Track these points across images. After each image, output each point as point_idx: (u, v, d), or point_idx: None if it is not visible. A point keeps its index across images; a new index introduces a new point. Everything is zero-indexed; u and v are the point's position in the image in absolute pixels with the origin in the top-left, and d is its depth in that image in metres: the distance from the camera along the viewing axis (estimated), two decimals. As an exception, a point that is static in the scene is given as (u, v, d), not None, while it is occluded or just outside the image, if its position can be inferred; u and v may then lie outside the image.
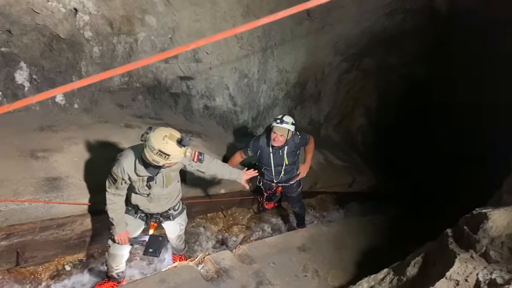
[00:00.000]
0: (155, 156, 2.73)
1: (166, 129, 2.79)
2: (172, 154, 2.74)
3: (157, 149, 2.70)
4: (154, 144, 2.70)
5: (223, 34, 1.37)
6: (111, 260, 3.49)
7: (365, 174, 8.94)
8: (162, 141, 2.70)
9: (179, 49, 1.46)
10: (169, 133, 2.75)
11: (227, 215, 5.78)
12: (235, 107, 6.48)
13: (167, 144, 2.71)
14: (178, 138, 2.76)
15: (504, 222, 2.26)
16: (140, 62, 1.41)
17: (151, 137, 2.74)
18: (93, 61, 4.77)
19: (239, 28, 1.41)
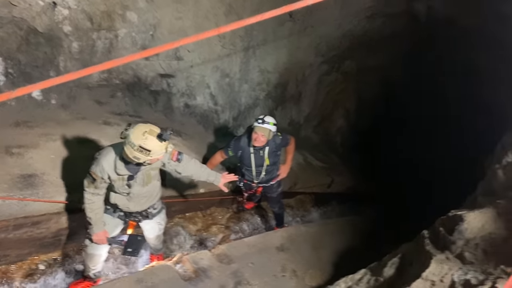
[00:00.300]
0: (136, 152, 2.69)
1: (146, 125, 2.76)
2: (153, 150, 2.71)
3: (137, 145, 2.67)
4: (134, 141, 2.67)
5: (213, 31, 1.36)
6: (88, 260, 3.42)
7: (344, 175, 9.04)
8: (142, 136, 2.67)
9: (167, 46, 1.44)
10: (148, 128, 2.72)
11: (206, 214, 5.74)
12: (216, 106, 6.45)
13: (147, 140, 2.68)
14: (158, 133, 2.73)
15: (479, 224, 2.32)
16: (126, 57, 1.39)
17: (130, 133, 2.70)
18: (72, 57, 4.67)
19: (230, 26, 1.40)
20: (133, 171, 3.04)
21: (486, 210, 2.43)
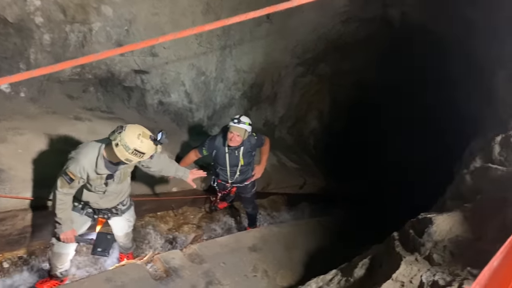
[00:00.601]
0: (130, 155, 2.71)
1: (137, 127, 2.78)
2: (147, 152, 2.75)
3: (132, 148, 2.68)
4: (129, 144, 2.67)
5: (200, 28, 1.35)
6: (55, 259, 3.33)
7: (316, 176, 9.12)
8: (137, 140, 2.69)
9: (149, 42, 1.42)
10: (141, 131, 2.75)
11: (178, 214, 5.69)
12: (191, 105, 6.40)
13: (143, 143, 2.71)
14: (151, 135, 2.77)
15: (447, 227, 2.39)
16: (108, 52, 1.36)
17: (124, 136, 2.70)
18: (43, 49, 4.53)
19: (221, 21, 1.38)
20: (112, 170, 3.00)
21: (454, 213, 2.51)
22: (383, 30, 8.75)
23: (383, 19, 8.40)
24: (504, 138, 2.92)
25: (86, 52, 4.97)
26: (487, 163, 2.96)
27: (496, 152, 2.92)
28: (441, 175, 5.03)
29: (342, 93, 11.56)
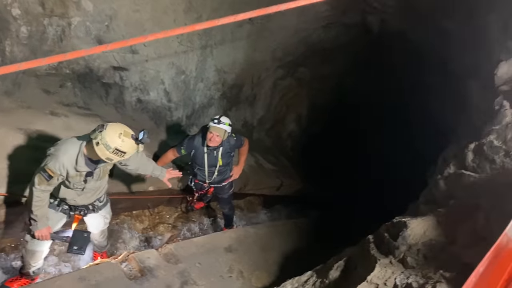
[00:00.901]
0: (110, 154, 2.67)
1: (119, 125, 2.75)
2: (128, 152, 2.72)
3: (113, 147, 2.65)
4: (110, 143, 2.64)
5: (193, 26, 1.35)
6: (29, 256, 3.25)
7: (292, 178, 9.19)
8: (118, 139, 2.66)
9: (138, 39, 1.41)
10: (123, 130, 2.72)
11: (154, 213, 5.64)
12: (170, 103, 6.34)
13: (124, 142, 2.68)
14: (132, 134, 2.74)
15: (421, 231, 2.45)
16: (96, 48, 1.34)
17: (105, 135, 2.66)
18: (19, 41, 4.42)
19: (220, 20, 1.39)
20: (92, 167, 2.96)
21: (427, 217, 2.57)
22: (362, 37, 8.89)
23: (363, 26, 8.54)
24: (477, 145, 3.02)
25: (64, 47, 4.88)
26: (460, 169, 3.05)
27: (470, 159, 3.02)
28: (415, 179, 5.15)
29: (321, 96, 11.69)
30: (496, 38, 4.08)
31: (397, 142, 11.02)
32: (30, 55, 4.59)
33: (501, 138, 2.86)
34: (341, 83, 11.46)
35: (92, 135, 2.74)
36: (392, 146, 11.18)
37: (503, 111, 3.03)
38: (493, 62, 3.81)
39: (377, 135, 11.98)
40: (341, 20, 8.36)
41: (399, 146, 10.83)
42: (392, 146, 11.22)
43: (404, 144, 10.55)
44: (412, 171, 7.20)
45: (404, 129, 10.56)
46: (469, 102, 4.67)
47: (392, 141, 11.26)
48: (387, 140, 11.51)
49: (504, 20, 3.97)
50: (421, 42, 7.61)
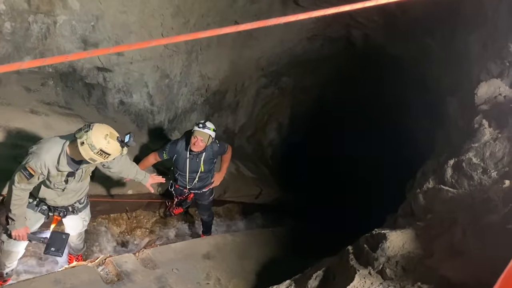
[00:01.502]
0: (94, 155, 2.64)
1: (104, 127, 2.73)
2: (112, 154, 2.69)
3: (98, 148, 2.62)
4: (95, 143, 2.61)
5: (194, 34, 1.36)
6: (4, 257, 3.17)
7: (271, 187, 9.22)
8: (104, 140, 2.63)
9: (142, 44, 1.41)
10: (109, 131, 2.71)
11: (132, 217, 5.57)
12: (153, 107, 6.30)
13: (109, 144, 2.67)
14: (118, 137, 2.73)
15: (400, 243, 2.50)
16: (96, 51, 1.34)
17: (90, 135, 2.63)
18: (3, 37, 4.33)
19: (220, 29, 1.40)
20: (74, 167, 2.91)
21: (406, 230, 2.63)
22: (346, 50, 9.07)
23: (347, 39, 8.71)
24: (456, 162, 3.11)
25: (48, 45, 4.80)
26: (439, 184, 3.13)
27: (448, 175, 3.10)
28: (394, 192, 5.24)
29: (303, 106, 11.82)
30: (476, 58, 4.22)
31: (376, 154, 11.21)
32: (13, 51, 4.51)
33: (479, 155, 2.95)
34: (323, 94, 11.63)
35: (77, 134, 2.71)
36: (372, 159, 11.37)
37: (482, 129, 3.13)
38: (473, 81, 3.94)
39: (356, 147, 12.16)
40: (326, 32, 8.51)
41: (379, 159, 11.02)
42: (372, 159, 11.41)
43: (384, 157, 10.74)
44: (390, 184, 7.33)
45: (384, 142, 10.75)
46: (447, 119, 4.80)
47: (372, 153, 11.45)
48: (366, 152, 11.69)
49: (484, 41, 4.11)
50: (402, 58, 7.79)
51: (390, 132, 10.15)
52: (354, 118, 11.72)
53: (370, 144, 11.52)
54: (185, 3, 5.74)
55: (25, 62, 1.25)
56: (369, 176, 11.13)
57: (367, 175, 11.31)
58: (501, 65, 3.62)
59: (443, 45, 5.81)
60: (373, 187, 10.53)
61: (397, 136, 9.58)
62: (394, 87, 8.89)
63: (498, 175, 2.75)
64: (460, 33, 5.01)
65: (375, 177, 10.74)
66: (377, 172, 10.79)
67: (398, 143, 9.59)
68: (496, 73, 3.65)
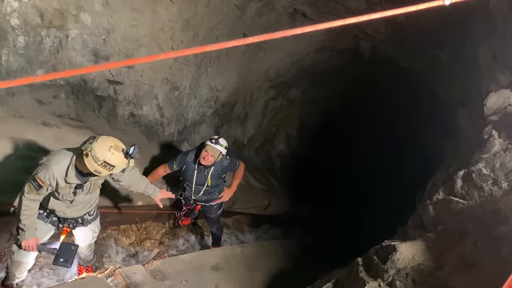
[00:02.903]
0: (98, 167, 2.64)
1: (110, 139, 2.73)
2: (117, 166, 2.69)
3: (102, 160, 2.63)
4: (99, 155, 2.62)
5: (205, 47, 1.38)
6: (14, 267, 3.20)
7: (280, 198, 9.19)
8: (108, 152, 2.63)
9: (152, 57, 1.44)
10: (113, 143, 2.70)
11: (141, 228, 5.59)
12: (162, 119, 6.36)
13: (113, 156, 2.66)
14: (123, 148, 2.73)
15: (410, 255, 2.48)
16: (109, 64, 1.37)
17: (94, 147, 2.65)
18: (16, 51, 4.42)
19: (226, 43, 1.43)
20: (82, 180, 2.94)
21: (416, 242, 2.61)
22: (354, 61, 9.09)
23: (355, 51, 8.73)
24: (466, 173, 3.09)
25: (60, 58, 4.89)
26: (449, 195, 3.11)
27: (458, 186, 3.08)
28: (403, 203, 5.20)
29: (311, 118, 11.83)
30: (485, 69, 4.21)
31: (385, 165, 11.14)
32: (26, 65, 4.59)
33: (489, 166, 2.94)
34: (332, 106, 11.63)
35: (83, 146, 2.73)
36: (381, 170, 11.31)
37: (492, 140, 3.11)
38: (482, 91, 3.93)
39: (364, 158, 12.11)
40: (334, 44, 8.55)
41: (388, 170, 10.95)
42: (380, 170, 11.34)
43: (393, 168, 10.67)
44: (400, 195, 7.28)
45: (393, 153, 10.70)
46: (457, 130, 4.78)
47: (380, 165, 11.39)
48: (375, 164, 11.64)
49: (493, 52, 4.11)
50: (411, 69, 7.80)
51: (399, 144, 10.11)
52: (363, 130, 11.69)
53: (379, 155, 11.47)
54: (194, 16, 5.82)
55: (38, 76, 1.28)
56: (379, 188, 11.06)
57: (376, 186, 11.24)
58: (510, 76, 3.62)
59: (452, 56, 5.81)
60: (382, 199, 10.45)
61: (406, 148, 9.54)
62: (403, 98, 8.88)
63: (509, 186, 2.73)
64: (469, 44, 5.01)
65: (384, 188, 10.66)
66: (386, 183, 10.71)
67: (407, 154, 9.53)
68: (505, 83, 3.64)
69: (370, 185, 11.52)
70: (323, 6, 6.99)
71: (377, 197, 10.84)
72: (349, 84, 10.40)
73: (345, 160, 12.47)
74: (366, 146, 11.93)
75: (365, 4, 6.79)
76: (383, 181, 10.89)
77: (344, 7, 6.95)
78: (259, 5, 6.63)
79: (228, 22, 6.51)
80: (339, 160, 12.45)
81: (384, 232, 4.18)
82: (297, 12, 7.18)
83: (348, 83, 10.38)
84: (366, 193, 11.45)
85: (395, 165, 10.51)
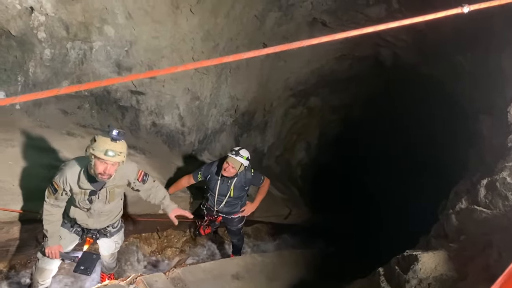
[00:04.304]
0: (99, 158, 2.70)
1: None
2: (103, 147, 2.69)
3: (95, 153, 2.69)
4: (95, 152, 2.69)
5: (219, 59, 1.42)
6: (38, 274, 3.28)
7: (301, 207, 9.15)
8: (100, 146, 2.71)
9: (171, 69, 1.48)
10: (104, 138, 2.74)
11: (162, 236, 5.64)
12: (183, 128, 6.45)
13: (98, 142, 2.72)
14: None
15: (432, 265, 2.44)
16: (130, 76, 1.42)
17: (92, 145, 2.74)
18: (43, 63, 4.59)
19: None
20: (96, 186, 2.99)
21: (439, 252, 2.56)
22: (374, 69, 9.03)
23: (375, 58, 8.68)
24: (490, 181, 3.02)
25: (84, 69, 5.04)
26: (472, 205, 3.05)
27: (482, 195, 3.02)
28: (424, 213, 5.12)
29: (331, 126, 11.79)
30: (510, 76, 4.13)
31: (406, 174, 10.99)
32: (52, 77, 4.75)
33: (514, 175, 2.87)
34: (352, 114, 11.56)
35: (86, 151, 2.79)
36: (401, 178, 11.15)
37: (517, 148, 3.06)
38: (507, 99, 3.85)
39: (385, 167, 11.96)
40: (354, 52, 8.53)
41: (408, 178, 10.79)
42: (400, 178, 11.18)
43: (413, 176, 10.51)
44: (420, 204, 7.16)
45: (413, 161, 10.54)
46: (480, 138, 4.69)
47: (401, 173, 11.23)
48: (395, 172, 11.48)
49: (518, 59, 4.04)
50: (433, 77, 7.70)
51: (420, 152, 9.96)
52: (384, 138, 11.56)
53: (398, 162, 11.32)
54: (215, 27, 5.90)
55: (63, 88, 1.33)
56: (400, 197, 10.90)
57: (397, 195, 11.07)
58: (535, 83, 3.54)
59: (475, 62, 5.71)
60: (403, 207, 10.29)
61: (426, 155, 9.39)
62: (424, 106, 8.76)
63: (535, 195, 2.66)
64: (492, 51, 4.92)
65: (406, 196, 10.50)
66: (408, 192, 10.55)
67: (429, 162, 9.38)
68: (530, 90, 3.57)
69: (391, 193, 11.37)
70: (343, 14, 6.99)
71: (398, 205, 10.68)
72: (369, 91, 10.33)
73: (366, 168, 12.34)
74: (385, 153, 11.79)
75: (385, 12, 6.77)
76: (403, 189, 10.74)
77: (364, 15, 6.94)
78: (279, 15, 6.68)
79: (248, 32, 6.58)
80: (360, 168, 12.34)
81: (406, 242, 4.13)
82: (316, 21, 7.21)
83: (369, 91, 10.31)
84: (386, 201, 11.30)
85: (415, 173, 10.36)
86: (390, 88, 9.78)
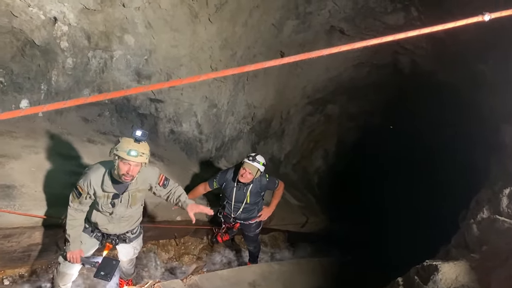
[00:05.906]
0: (122, 160, 2.78)
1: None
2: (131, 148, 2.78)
3: (122, 152, 2.77)
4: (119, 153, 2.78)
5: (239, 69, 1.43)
6: (59, 278, 3.33)
7: (318, 216, 9.09)
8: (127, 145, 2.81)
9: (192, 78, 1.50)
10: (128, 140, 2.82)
11: (180, 243, 5.67)
12: (201, 135, 6.50)
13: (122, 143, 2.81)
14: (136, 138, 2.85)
15: (453, 275, 2.40)
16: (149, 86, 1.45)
17: (117, 147, 2.82)
18: (65, 72, 4.69)
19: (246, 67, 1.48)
20: (119, 189, 3.04)
21: (460, 262, 2.52)
22: (393, 76, 8.96)
23: (394, 66, 8.62)
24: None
25: (105, 78, 5.14)
26: (494, 214, 2.99)
27: (504, 205, 2.96)
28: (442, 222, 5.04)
29: (349, 134, 11.71)
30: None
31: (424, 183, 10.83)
32: (74, 85, 4.85)
33: (537, 184, 2.81)
34: (370, 121, 11.48)
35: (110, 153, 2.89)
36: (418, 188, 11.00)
37: (539, 157, 2.99)
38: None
39: (404, 176, 11.81)
40: (373, 60, 8.49)
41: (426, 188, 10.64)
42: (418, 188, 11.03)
43: (431, 186, 10.36)
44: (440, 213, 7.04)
45: (433, 171, 10.39)
46: (501, 147, 4.60)
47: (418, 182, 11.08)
48: (413, 182, 11.33)
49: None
50: (452, 84, 7.60)
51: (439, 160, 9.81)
52: (401, 146, 11.43)
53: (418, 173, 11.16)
54: (232, 35, 5.96)
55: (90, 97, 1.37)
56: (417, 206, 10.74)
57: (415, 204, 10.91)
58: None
59: (496, 70, 5.62)
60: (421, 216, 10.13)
61: (448, 164, 9.24)
62: (444, 114, 8.65)
63: (559, 205, 2.60)
64: (512, 59, 4.84)
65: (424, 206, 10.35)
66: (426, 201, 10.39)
67: (449, 171, 9.23)
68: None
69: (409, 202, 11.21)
70: (361, 22, 6.98)
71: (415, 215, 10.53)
72: (388, 99, 10.24)
73: (384, 176, 12.20)
74: (404, 162, 11.65)
75: (403, 19, 6.73)
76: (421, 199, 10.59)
77: (382, 23, 6.91)
78: (296, 23, 6.70)
79: (265, 40, 6.62)
80: (378, 177, 12.21)
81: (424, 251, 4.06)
82: (334, 29, 7.20)
83: (387, 98, 10.23)
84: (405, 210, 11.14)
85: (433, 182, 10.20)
86: (409, 96, 9.69)
